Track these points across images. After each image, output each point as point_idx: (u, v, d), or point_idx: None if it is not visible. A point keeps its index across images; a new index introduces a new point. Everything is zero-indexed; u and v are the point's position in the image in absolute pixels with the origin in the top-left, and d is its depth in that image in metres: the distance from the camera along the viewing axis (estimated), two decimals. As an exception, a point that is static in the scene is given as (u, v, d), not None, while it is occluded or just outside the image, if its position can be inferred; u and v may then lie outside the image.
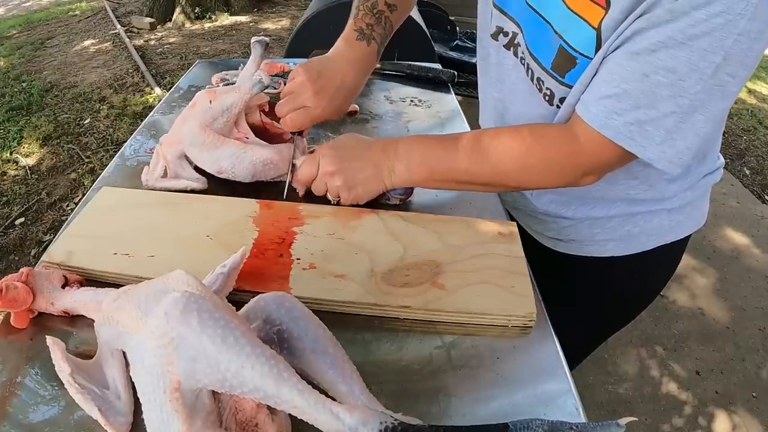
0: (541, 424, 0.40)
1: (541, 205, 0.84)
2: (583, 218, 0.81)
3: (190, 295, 0.43)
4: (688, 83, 0.53)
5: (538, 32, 0.66)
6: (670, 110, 0.55)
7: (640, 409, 1.67)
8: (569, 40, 0.61)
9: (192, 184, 0.76)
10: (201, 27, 4.98)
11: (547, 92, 0.68)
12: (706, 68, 0.52)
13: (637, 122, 0.57)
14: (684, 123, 0.55)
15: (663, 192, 0.76)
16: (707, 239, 2.42)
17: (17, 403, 0.48)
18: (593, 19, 0.58)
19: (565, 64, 0.63)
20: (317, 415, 0.39)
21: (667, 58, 0.53)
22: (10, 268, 2.15)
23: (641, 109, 0.56)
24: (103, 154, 2.90)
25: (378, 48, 0.81)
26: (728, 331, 1.97)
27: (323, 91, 0.75)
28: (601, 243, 0.82)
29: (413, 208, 0.77)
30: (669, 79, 0.53)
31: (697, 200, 0.81)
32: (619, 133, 0.58)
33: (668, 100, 0.54)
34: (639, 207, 0.78)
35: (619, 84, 0.56)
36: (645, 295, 0.94)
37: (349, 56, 0.79)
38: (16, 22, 5.38)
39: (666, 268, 0.90)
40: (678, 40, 0.51)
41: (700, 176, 0.78)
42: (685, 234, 0.82)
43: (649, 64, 0.54)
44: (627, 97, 0.56)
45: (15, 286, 0.53)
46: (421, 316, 0.59)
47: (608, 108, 0.58)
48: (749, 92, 4.10)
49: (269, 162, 0.76)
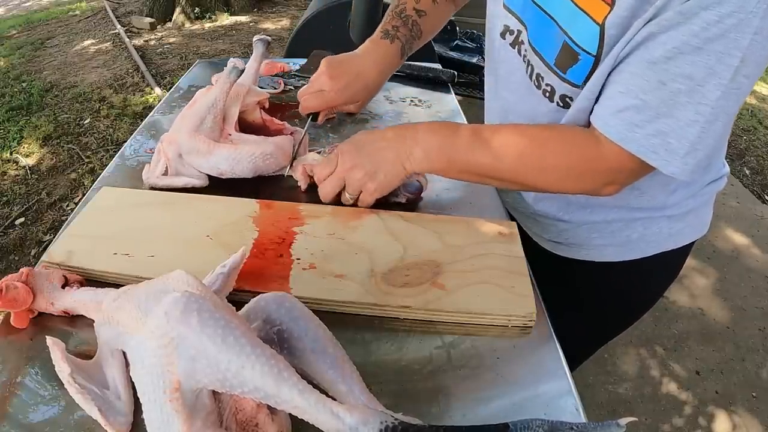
0: (541, 424, 0.40)
1: (540, 207, 0.84)
2: (582, 222, 0.81)
3: (190, 295, 0.43)
4: (707, 89, 0.52)
5: (542, 29, 0.65)
6: (691, 119, 0.54)
7: (640, 409, 1.67)
8: (573, 36, 0.60)
9: (192, 181, 0.76)
10: (201, 27, 4.97)
11: (547, 89, 0.68)
12: (724, 72, 0.51)
13: (659, 134, 0.55)
14: (706, 133, 0.54)
15: (664, 201, 0.75)
16: (707, 239, 2.42)
17: (17, 403, 0.48)
18: (598, 16, 0.57)
19: (567, 60, 0.62)
20: (317, 414, 0.39)
21: (684, 64, 0.52)
22: (10, 268, 2.15)
23: (661, 119, 0.55)
24: (103, 154, 2.90)
25: (402, 47, 0.84)
26: (728, 331, 1.97)
27: (339, 77, 0.80)
28: (599, 248, 0.82)
29: (413, 208, 0.77)
30: (687, 86, 0.52)
31: (700, 208, 0.80)
32: (642, 147, 0.57)
33: (688, 107, 0.53)
34: (638, 213, 0.77)
35: (637, 95, 0.55)
36: (645, 301, 0.93)
37: (371, 51, 0.84)
38: (16, 22, 5.38)
39: (666, 275, 0.89)
40: (693, 45, 0.50)
41: (704, 184, 0.77)
42: (686, 242, 0.81)
43: (666, 72, 0.53)
44: (646, 108, 0.55)
45: (15, 286, 0.53)
46: (421, 316, 0.59)
47: (627, 120, 0.57)
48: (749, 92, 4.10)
49: (268, 155, 0.76)
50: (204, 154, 0.75)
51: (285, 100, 1.09)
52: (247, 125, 0.84)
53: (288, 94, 1.11)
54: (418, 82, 1.20)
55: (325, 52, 1.25)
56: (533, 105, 0.71)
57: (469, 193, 0.81)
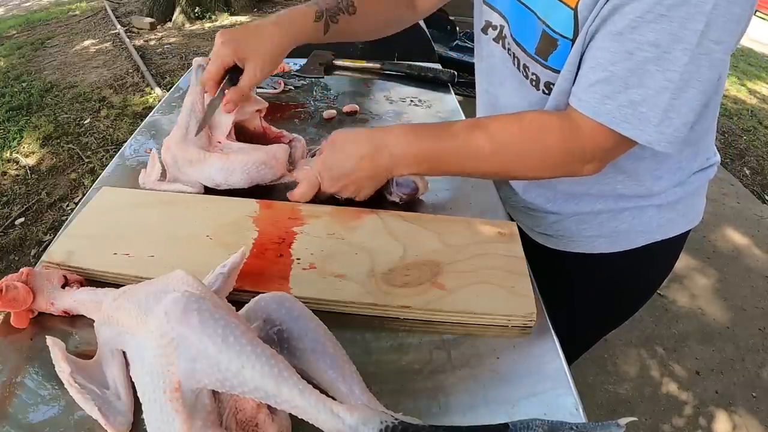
0: (541, 424, 0.40)
1: (529, 198, 0.84)
2: (570, 213, 0.81)
3: (190, 295, 0.43)
4: (674, 55, 0.53)
5: (523, 22, 0.67)
6: (661, 86, 0.55)
7: (640, 409, 1.67)
8: (551, 24, 0.62)
9: (188, 188, 0.76)
10: (201, 27, 4.98)
11: (533, 77, 0.69)
12: (689, 37, 0.52)
13: (631, 104, 0.56)
14: (677, 99, 0.55)
15: (651, 187, 0.75)
16: (707, 239, 2.42)
17: (17, 403, 0.48)
18: (571, 1, 0.59)
19: (547, 47, 0.64)
20: (318, 414, 0.39)
21: (648, 32, 0.53)
22: (10, 268, 2.15)
23: (631, 89, 0.56)
24: (103, 154, 2.90)
25: (322, 14, 0.79)
26: (728, 331, 1.97)
27: (232, 32, 0.74)
28: (588, 239, 0.82)
29: (413, 208, 0.77)
30: (654, 53, 0.53)
31: (690, 197, 0.80)
32: (614, 118, 0.58)
33: (657, 75, 0.54)
34: (626, 203, 0.77)
35: (606, 67, 0.56)
36: (640, 293, 0.93)
37: (281, 13, 0.78)
38: (16, 22, 5.38)
39: (660, 266, 0.89)
40: (656, 13, 0.52)
41: (691, 172, 0.77)
42: (677, 232, 0.81)
43: (632, 42, 0.54)
44: (616, 79, 0.56)
45: (15, 286, 0.53)
46: (421, 316, 0.59)
47: (599, 93, 0.58)
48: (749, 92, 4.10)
49: (261, 164, 0.74)
50: (196, 164, 0.74)
51: (285, 100, 1.09)
52: (247, 133, 0.83)
53: (288, 95, 1.11)
54: (418, 82, 1.20)
55: (326, 52, 1.25)
56: (523, 95, 0.73)
57: (469, 193, 0.81)
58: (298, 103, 1.08)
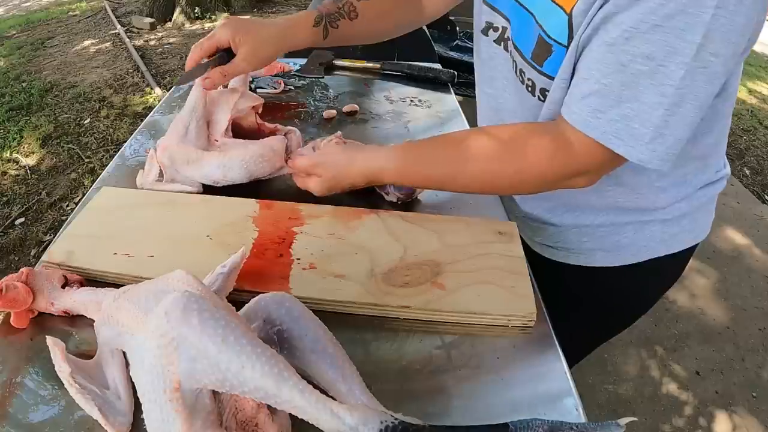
0: (541, 424, 0.40)
1: (528, 209, 0.83)
2: (570, 225, 0.79)
3: (190, 295, 0.43)
4: (670, 68, 0.50)
5: (522, 24, 0.65)
6: (655, 101, 0.51)
7: (640, 409, 1.67)
8: (547, 29, 0.60)
9: (187, 188, 0.76)
10: (201, 27, 4.97)
11: (529, 83, 0.67)
12: (685, 49, 0.48)
13: (623, 119, 0.53)
14: (672, 115, 0.52)
15: (654, 201, 0.72)
16: (707, 239, 2.39)
17: (17, 403, 0.48)
18: (567, 6, 0.56)
19: (542, 53, 0.61)
20: (318, 414, 0.39)
21: (643, 43, 0.50)
22: (10, 268, 2.14)
23: (624, 103, 0.53)
24: (103, 154, 2.90)
25: (322, 18, 0.80)
26: (728, 331, 1.97)
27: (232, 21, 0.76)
28: (588, 252, 0.80)
29: (413, 208, 0.77)
30: (648, 66, 0.50)
31: (696, 212, 0.76)
32: (604, 133, 0.55)
33: (651, 89, 0.51)
34: (628, 217, 0.74)
35: (599, 79, 0.54)
36: (639, 307, 0.91)
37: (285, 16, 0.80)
38: (16, 22, 5.38)
39: (661, 282, 0.86)
40: (650, 23, 0.49)
41: (697, 186, 0.73)
42: (681, 248, 0.78)
43: (625, 53, 0.51)
44: (608, 93, 0.53)
45: (15, 286, 0.53)
46: (421, 316, 0.59)
47: (591, 106, 0.55)
48: (749, 92, 4.10)
49: (259, 157, 0.75)
50: (193, 163, 0.74)
51: (285, 100, 1.09)
52: (243, 130, 0.84)
53: (288, 94, 1.11)
54: (418, 82, 1.20)
55: (326, 52, 1.25)
56: (520, 100, 0.71)
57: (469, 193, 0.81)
58: (298, 103, 1.08)
